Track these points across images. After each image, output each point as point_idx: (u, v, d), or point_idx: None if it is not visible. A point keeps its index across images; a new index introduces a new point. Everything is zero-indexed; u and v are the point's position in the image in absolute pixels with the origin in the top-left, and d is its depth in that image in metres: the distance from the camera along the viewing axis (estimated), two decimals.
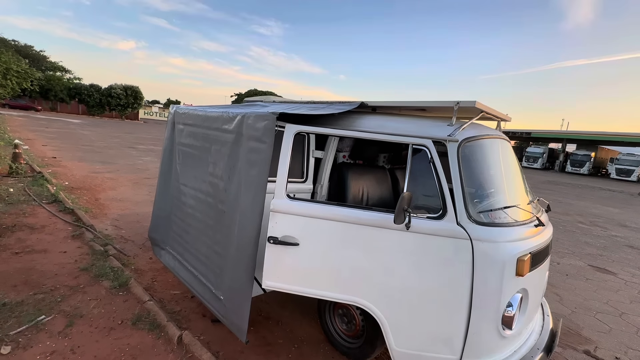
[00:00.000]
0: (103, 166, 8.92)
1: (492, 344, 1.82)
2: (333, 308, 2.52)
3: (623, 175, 26.26)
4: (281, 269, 1.97)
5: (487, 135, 2.14)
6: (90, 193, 6.15)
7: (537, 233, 2.01)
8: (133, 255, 3.73)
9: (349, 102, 2.41)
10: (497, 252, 1.74)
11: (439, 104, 2.07)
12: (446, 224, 1.78)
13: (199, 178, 2.65)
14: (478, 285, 1.73)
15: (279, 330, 2.68)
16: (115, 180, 7.41)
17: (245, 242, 2.06)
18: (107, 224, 4.61)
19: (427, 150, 1.88)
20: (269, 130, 1.96)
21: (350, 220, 1.88)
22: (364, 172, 2.94)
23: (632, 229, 8.26)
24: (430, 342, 1.85)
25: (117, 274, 3.16)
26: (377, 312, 1.88)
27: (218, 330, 2.54)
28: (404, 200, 1.65)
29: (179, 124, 3.02)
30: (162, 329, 2.44)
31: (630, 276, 4.83)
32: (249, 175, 2.08)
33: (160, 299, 2.93)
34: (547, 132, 32.96)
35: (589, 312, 3.55)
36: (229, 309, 2.21)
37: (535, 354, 1.98)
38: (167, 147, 3.17)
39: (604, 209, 11.07)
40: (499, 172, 2.20)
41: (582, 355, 2.77)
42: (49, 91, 34.43)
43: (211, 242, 2.46)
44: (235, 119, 2.25)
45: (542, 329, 2.26)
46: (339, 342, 2.47)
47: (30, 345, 2.18)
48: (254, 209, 2.01)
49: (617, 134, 28.79)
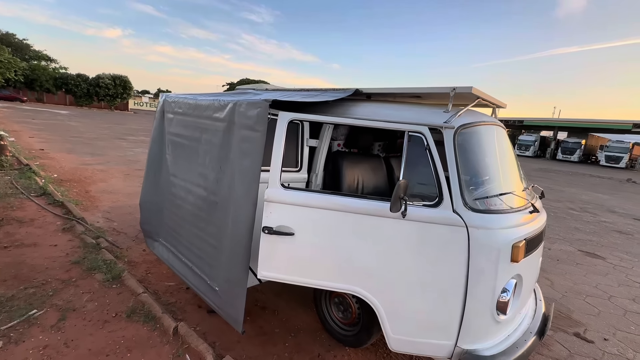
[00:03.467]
0: (93, 158, 8.74)
1: (486, 329, 1.84)
2: (329, 297, 2.53)
3: (612, 162, 26.68)
4: (276, 259, 1.95)
5: (483, 122, 2.11)
6: (80, 185, 6.03)
7: (532, 219, 2.02)
8: (126, 248, 3.68)
9: (344, 90, 2.35)
10: (492, 238, 1.74)
11: (435, 90, 2.03)
12: (442, 211, 1.77)
13: (189, 169, 2.60)
14: (473, 272, 1.74)
15: (275, 319, 2.68)
16: (105, 172, 7.28)
17: (240, 232, 2.03)
18: (99, 217, 4.54)
19: (423, 137, 1.85)
20: (261, 118, 1.91)
21: (345, 209, 1.86)
22: (359, 160, 2.91)
23: (620, 215, 8.44)
24: (426, 328, 1.86)
25: (110, 266, 3.11)
26: (373, 300, 1.88)
27: (214, 321, 2.54)
28: (400, 188, 1.63)
29: (168, 113, 2.94)
30: (158, 321, 2.42)
31: (618, 260, 4.94)
32: (242, 164, 2.04)
33: (155, 291, 2.91)
34: (539, 120, 33.21)
35: (579, 296, 3.63)
36: (225, 300, 2.20)
37: (529, 338, 2.01)
38: (155, 137, 3.10)
39: (594, 195, 11.27)
40: (495, 159, 2.19)
41: (573, 338, 2.84)
42: (34, 81, 33.41)
43: (204, 234, 2.42)
44: (227, 107, 2.18)
45: (534, 313, 2.29)
46: (335, 330, 2.49)
47: (22, 339, 2.14)
48: (248, 199, 1.97)
49: (606, 121, 29.09)
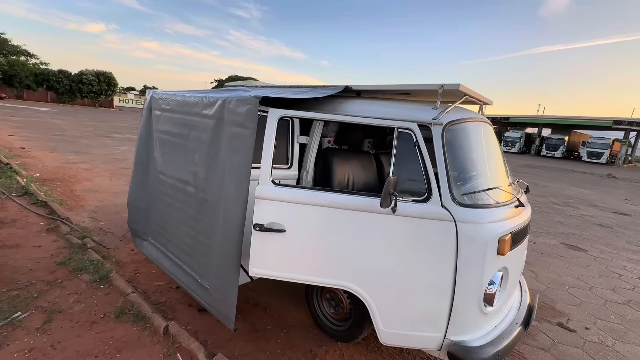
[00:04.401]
0: (77, 156, 8.52)
1: (474, 321, 1.89)
2: (320, 293, 2.54)
3: (593, 157, 27.52)
4: (268, 256, 1.95)
5: (470, 119, 2.16)
6: (64, 184, 5.87)
7: (517, 213, 2.07)
8: (113, 248, 3.61)
9: (333, 86, 2.36)
10: (479, 232, 1.78)
11: (424, 87, 2.06)
12: (431, 206, 1.80)
13: (178, 166, 2.56)
14: (462, 265, 1.78)
15: (267, 316, 2.68)
16: (90, 171, 7.10)
17: (231, 230, 2.02)
18: (84, 216, 4.43)
19: (413, 134, 1.87)
20: (251, 114, 1.89)
21: (336, 205, 1.87)
22: (349, 157, 2.93)
23: (601, 209, 8.73)
24: (416, 321, 1.90)
25: (97, 267, 3.05)
26: (364, 295, 1.91)
27: (205, 320, 2.52)
28: (389, 184, 1.65)
29: (155, 110, 2.89)
30: (147, 321, 2.39)
31: (599, 252, 5.12)
32: (232, 162, 2.02)
33: (144, 291, 2.87)
34: (525, 117, 33.94)
35: (562, 287, 3.75)
36: (216, 298, 2.19)
37: (514, 328, 2.07)
38: (143, 135, 3.04)
39: (576, 190, 11.63)
40: (482, 155, 2.24)
41: (556, 327, 2.94)
42: (12, 77, 32.18)
43: (194, 232, 2.40)
44: (216, 104, 2.16)
45: (520, 304, 2.36)
46: (327, 326, 2.51)
47: (6, 343, 2.09)
48: (239, 197, 1.96)
49: (588, 118, 29.94)
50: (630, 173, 21.64)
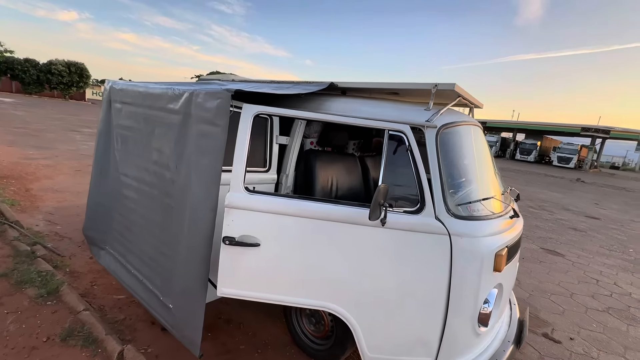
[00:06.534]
0: (38, 152, 7.84)
1: (467, 342, 1.73)
2: (300, 309, 2.32)
3: (563, 162, 28.78)
4: (239, 274, 1.71)
5: (465, 122, 2.00)
6: (20, 182, 5.33)
7: (512, 225, 1.94)
8: (69, 255, 3.23)
9: (317, 83, 2.15)
10: (475, 247, 1.62)
11: (416, 87, 1.89)
12: (424, 218, 1.62)
13: (141, 167, 2.26)
14: (456, 283, 1.61)
15: (240, 334, 2.43)
16: (52, 168, 6.53)
17: (197, 242, 1.76)
18: (39, 219, 3.99)
19: (405, 137, 1.69)
20: (222, 110, 1.64)
21: (319, 217, 1.66)
22: (333, 160, 2.73)
23: (574, 212, 9.01)
24: (405, 344, 1.72)
25: (46, 279, 2.68)
26: (348, 317, 1.70)
27: (169, 340, 2.23)
28: (379, 194, 1.46)
29: (116, 103, 2.56)
30: (100, 344, 2.08)
31: (576, 257, 5.19)
32: (200, 164, 1.76)
33: (101, 307, 2.54)
34: (500, 122, 35.09)
35: (544, 295, 3.72)
36: (180, 319, 1.92)
37: (507, 347, 1.93)
38: (102, 130, 2.70)
39: (550, 194, 12.00)
40: (476, 162, 2.09)
41: (542, 339, 2.86)
42: None
43: (158, 242, 2.12)
44: (182, 97, 1.89)
45: (510, 319, 2.24)
46: (306, 344, 2.29)
47: None
48: (207, 204, 1.71)
49: (559, 124, 31.36)
50: (596, 177, 22.75)
